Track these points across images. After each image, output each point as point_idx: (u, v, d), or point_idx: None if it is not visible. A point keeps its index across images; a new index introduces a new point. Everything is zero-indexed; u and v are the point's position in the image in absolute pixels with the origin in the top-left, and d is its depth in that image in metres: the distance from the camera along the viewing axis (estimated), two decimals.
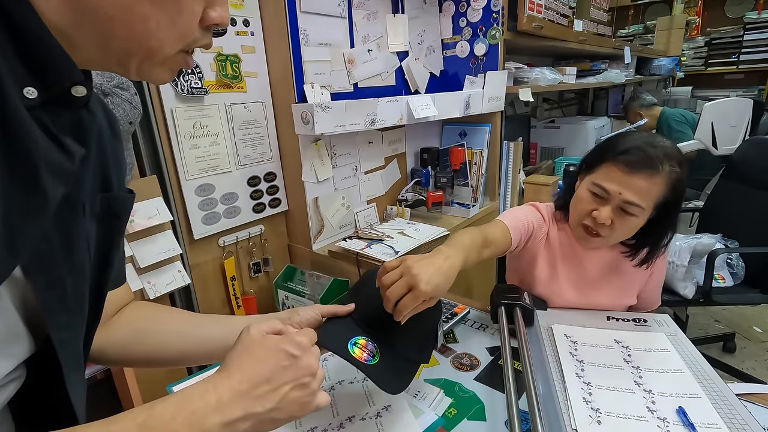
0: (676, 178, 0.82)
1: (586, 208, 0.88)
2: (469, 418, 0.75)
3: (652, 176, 0.80)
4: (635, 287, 0.99)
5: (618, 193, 0.82)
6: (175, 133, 1.07)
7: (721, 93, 4.32)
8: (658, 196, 0.82)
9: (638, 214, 0.83)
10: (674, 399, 0.70)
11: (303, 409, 0.46)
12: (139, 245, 1.02)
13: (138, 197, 1.01)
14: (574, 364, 0.80)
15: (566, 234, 1.01)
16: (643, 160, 0.80)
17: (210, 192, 1.17)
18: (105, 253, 0.45)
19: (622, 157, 0.82)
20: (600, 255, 0.98)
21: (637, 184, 0.80)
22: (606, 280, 0.98)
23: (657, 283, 1.02)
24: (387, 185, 1.58)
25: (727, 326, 2.28)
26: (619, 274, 0.98)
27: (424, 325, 0.71)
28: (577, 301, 1.00)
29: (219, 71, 1.13)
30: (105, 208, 0.44)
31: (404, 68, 1.54)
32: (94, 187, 0.43)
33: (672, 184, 0.82)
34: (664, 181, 0.81)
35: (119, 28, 0.34)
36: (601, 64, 2.79)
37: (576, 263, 0.99)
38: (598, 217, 0.85)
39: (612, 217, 0.84)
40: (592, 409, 0.69)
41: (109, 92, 0.83)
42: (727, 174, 1.99)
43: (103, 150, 0.44)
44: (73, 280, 0.39)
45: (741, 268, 1.73)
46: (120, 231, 0.48)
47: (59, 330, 0.38)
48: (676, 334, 0.89)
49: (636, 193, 0.81)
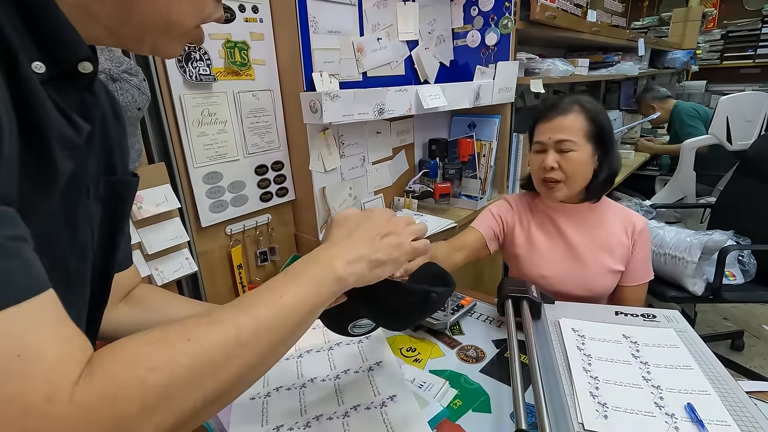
0: (590, 110, 1.00)
1: (536, 164, 1.04)
2: (474, 410, 0.75)
3: (567, 116, 0.99)
4: (618, 251, 1.06)
5: (548, 138, 1.00)
6: (183, 120, 1.07)
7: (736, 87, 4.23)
8: (583, 128, 0.99)
9: (575, 148, 0.99)
10: (683, 395, 0.69)
11: (399, 251, 0.52)
12: (146, 232, 1.02)
13: (146, 184, 1.02)
14: (581, 358, 0.79)
15: (538, 209, 1.14)
16: (557, 109, 1.01)
17: (217, 180, 1.17)
18: (111, 236, 0.46)
19: (542, 115, 1.03)
20: (573, 216, 1.09)
21: (558, 125, 0.99)
22: (585, 237, 1.07)
23: (644, 253, 1.07)
24: (395, 176, 1.57)
25: (735, 324, 2.26)
26: (596, 233, 1.07)
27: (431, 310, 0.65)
28: (568, 267, 1.07)
29: (227, 58, 1.12)
30: (109, 191, 0.44)
31: (414, 57, 1.52)
32: (98, 170, 0.43)
33: (590, 117, 0.99)
34: (579, 116, 0.99)
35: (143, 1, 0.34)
36: (614, 56, 2.74)
37: (553, 230, 1.10)
38: (545, 164, 1.00)
39: (557, 160, 1.00)
40: (599, 403, 0.68)
41: (118, 78, 0.83)
42: (741, 170, 1.95)
43: (107, 133, 0.44)
44: (76, 261, 0.40)
45: (753, 265, 1.70)
46: (124, 214, 0.48)
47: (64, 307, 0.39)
48: (685, 330, 0.88)
49: (561, 131, 0.99)
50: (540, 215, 1.13)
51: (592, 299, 1.08)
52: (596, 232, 1.07)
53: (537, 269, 1.10)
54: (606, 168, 1.03)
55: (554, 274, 1.08)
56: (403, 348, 0.94)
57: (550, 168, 1.00)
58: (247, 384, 0.38)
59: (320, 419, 0.68)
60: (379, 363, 0.81)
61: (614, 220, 1.07)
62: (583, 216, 1.08)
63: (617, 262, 1.05)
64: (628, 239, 1.06)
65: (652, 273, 1.09)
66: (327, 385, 0.76)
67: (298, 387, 0.75)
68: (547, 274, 1.08)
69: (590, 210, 1.08)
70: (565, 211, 1.08)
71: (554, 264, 1.08)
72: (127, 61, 0.87)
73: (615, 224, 1.07)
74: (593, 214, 1.08)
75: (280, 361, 0.83)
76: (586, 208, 1.07)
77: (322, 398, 0.72)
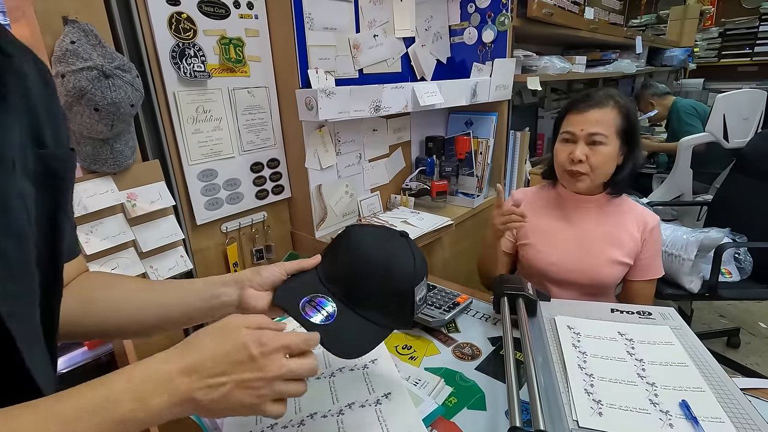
0: (624, 106, 1.01)
1: (564, 155, 1.04)
2: (469, 407, 0.75)
3: (602, 109, 1.00)
4: (628, 244, 1.07)
5: (581, 130, 1.00)
6: (177, 117, 1.06)
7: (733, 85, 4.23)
8: (615, 124, 0.99)
9: (605, 142, 0.99)
10: (677, 392, 0.69)
11: (246, 411, 0.45)
12: (141, 229, 1.01)
13: (140, 181, 1.01)
14: (576, 355, 0.79)
15: (552, 200, 1.16)
16: (592, 101, 1.01)
17: (213, 177, 1.16)
18: (51, 218, 0.43)
19: (575, 106, 1.03)
20: (588, 208, 1.10)
21: (592, 118, 1.00)
22: (597, 229, 1.08)
23: (655, 250, 1.09)
24: (391, 174, 1.57)
25: (732, 321, 2.26)
26: (607, 224, 1.08)
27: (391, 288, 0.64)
28: (577, 255, 1.09)
29: (222, 55, 1.11)
30: (42, 167, 0.40)
31: (410, 55, 1.51)
32: (23, 142, 0.39)
33: (623, 113, 1.00)
34: (614, 111, 1.00)
35: None
36: (612, 54, 2.73)
37: (566, 220, 1.12)
38: (574, 156, 1.01)
39: (586, 153, 1.00)
40: (593, 400, 0.68)
41: (110, 74, 0.82)
42: (738, 167, 1.95)
43: (32, 102, 0.41)
44: (13, 244, 0.37)
45: (749, 263, 1.71)
46: (63, 192, 0.44)
47: (6, 300, 0.35)
48: (680, 328, 0.88)
49: (595, 125, 0.99)
50: (553, 205, 1.15)
51: (598, 289, 1.09)
52: (608, 224, 1.08)
53: (545, 257, 1.11)
54: (630, 164, 1.04)
55: (562, 262, 1.10)
56: (399, 346, 0.94)
57: (578, 161, 1.00)
58: None
59: (314, 417, 0.68)
60: (374, 361, 0.81)
61: (627, 215, 1.09)
62: (597, 208, 1.10)
63: (625, 255, 1.07)
64: (638, 235, 1.07)
65: (662, 270, 1.11)
66: (321, 383, 0.76)
67: None
68: (555, 261, 1.10)
69: (605, 203, 1.09)
70: (581, 202, 1.10)
71: (563, 252, 1.10)
72: (120, 57, 0.86)
73: (627, 219, 1.08)
74: (607, 206, 1.09)
75: None
76: (601, 201, 1.09)
77: (317, 396, 0.72)
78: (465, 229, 1.55)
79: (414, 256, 0.66)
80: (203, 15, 1.07)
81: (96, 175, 0.94)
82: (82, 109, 0.81)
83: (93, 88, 0.80)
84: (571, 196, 1.11)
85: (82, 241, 0.92)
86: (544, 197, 1.17)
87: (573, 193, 1.10)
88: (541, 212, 1.15)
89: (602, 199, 1.09)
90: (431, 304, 1.03)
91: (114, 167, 0.94)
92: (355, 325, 0.61)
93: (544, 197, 1.17)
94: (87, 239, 0.93)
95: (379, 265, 0.63)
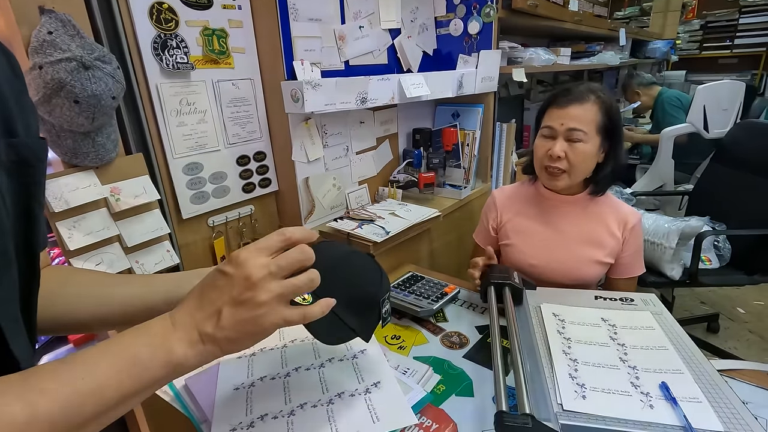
0: (605, 103, 0.98)
1: (542, 151, 1.02)
2: (457, 394, 0.76)
3: (583, 105, 0.97)
4: (609, 244, 1.06)
5: (560, 125, 0.98)
6: (161, 109, 1.04)
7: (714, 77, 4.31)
8: (595, 121, 0.97)
9: (584, 139, 0.97)
10: (657, 374, 0.71)
11: (264, 326, 0.44)
12: (125, 224, 1.00)
13: (124, 175, 1.00)
14: (561, 341, 0.81)
15: (533, 199, 1.14)
16: (572, 96, 0.99)
17: (198, 171, 1.15)
18: (26, 208, 0.42)
19: (556, 100, 1.01)
20: (568, 207, 1.09)
21: (572, 113, 0.97)
22: (577, 229, 1.08)
23: (636, 248, 1.08)
24: (379, 166, 1.57)
25: (712, 307, 2.33)
26: (588, 224, 1.08)
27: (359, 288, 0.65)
28: (557, 256, 1.08)
29: (205, 46, 1.09)
30: (14, 156, 0.40)
31: (397, 46, 1.51)
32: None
33: (604, 109, 0.98)
34: (595, 107, 0.97)
35: None
36: (596, 46, 2.76)
37: (546, 220, 1.11)
38: (552, 152, 0.99)
39: (564, 149, 0.98)
40: (577, 384, 0.70)
41: (90, 65, 0.80)
42: (717, 157, 2.00)
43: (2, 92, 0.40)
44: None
45: (728, 250, 1.76)
46: (36, 182, 0.44)
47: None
48: (661, 313, 0.90)
49: (574, 120, 0.97)
50: (534, 204, 1.13)
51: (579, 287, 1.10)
52: (589, 223, 1.07)
53: (526, 258, 1.11)
54: (612, 162, 1.02)
55: (543, 263, 1.09)
56: (388, 336, 0.95)
57: (557, 157, 0.98)
58: None
59: (305, 407, 0.68)
60: (363, 351, 0.82)
61: (608, 213, 1.07)
62: (578, 207, 1.08)
63: (606, 255, 1.06)
64: (619, 233, 1.06)
65: (643, 267, 1.10)
66: (311, 373, 0.76)
67: (282, 376, 0.76)
68: (535, 263, 1.10)
69: (586, 202, 1.08)
70: (561, 202, 1.09)
71: (543, 253, 1.09)
72: (100, 48, 0.84)
73: (608, 218, 1.07)
74: (588, 206, 1.08)
75: (265, 351, 0.83)
76: (582, 200, 1.07)
77: (307, 386, 0.73)
78: (453, 220, 1.56)
79: (380, 270, 0.68)
80: (185, 5, 1.05)
81: (78, 169, 0.92)
82: (62, 102, 0.79)
83: (72, 79, 0.78)
84: (552, 196, 1.09)
85: (65, 237, 0.91)
86: (525, 195, 1.15)
87: (553, 192, 1.08)
88: (522, 212, 1.14)
89: (583, 198, 1.07)
90: (419, 295, 1.04)
91: (96, 161, 0.92)
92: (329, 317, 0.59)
93: (525, 195, 1.15)
94: (70, 234, 0.91)
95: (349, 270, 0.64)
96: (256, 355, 0.82)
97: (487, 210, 1.21)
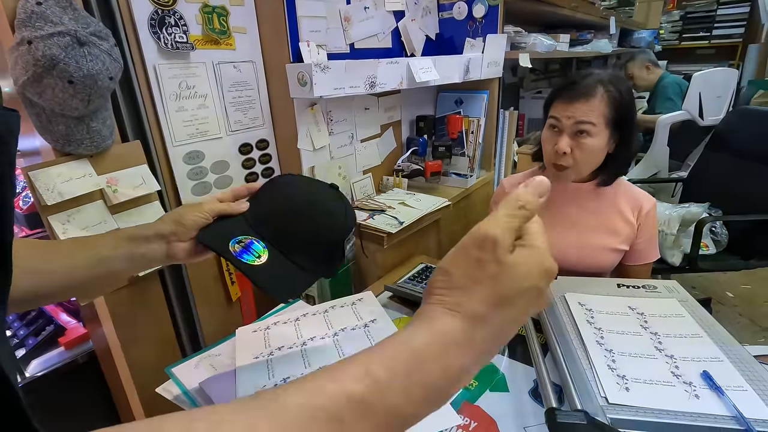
0: (614, 96, 0.93)
1: (549, 145, 0.99)
2: (491, 390, 0.73)
3: (590, 100, 0.93)
4: (624, 231, 1.04)
5: (567, 118, 0.94)
6: (159, 93, 0.97)
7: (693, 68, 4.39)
8: (604, 114, 0.93)
9: (593, 133, 0.93)
10: (697, 363, 0.70)
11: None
12: (124, 217, 0.93)
13: (121, 164, 0.92)
14: (593, 332, 0.78)
15: None
16: (579, 90, 0.94)
17: (199, 160, 1.07)
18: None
19: (563, 92, 0.96)
20: (579, 196, 1.06)
21: (579, 109, 0.93)
22: (590, 218, 1.06)
23: (650, 234, 1.07)
24: (383, 155, 1.51)
25: (703, 293, 2.38)
26: (602, 212, 1.05)
27: (322, 235, 0.63)
28: (571, 245, 1.06)
29: (205, 24, 1.02)
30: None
31: (401, 29, 1.45)
32: None
33: (613, 101, 0.93)
34: (603, 101, 0.93)
35: None
36: (587, 34, 2.75)
37: (558, 209, 1.08)
38: (558, 148, 0.95)
39: (570, 145, 0.95)
40: (618, 376, 0.67)
41: (86, 41, 0.72)
42: (712, 145, 2.02)
43: None
44: None
45: (725, 235, 1.78)
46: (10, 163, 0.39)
47: None
48: (687, 300, 0.89)
49: (582, 114, 0.93)
50: None
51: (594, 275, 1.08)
52: (602, 211, 1.05)
53: None
54: (622, 153, 0.99)
55: (556, 252, 1.06)
56: None
57: (562, 153, 0.95)
58: None
59: None
60: (373, 321, 0.85)
61: (622, 199, 1.05)
62: (591, 195, 1.06)
63: (621, 242, 1.05)
64: (634, 220, 1.04)
65: (657, 253, 1.09)
66: (326, 342, 0.79)
67: (299, 345, 0.79)
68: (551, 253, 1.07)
69: (597, 190, 1.05)
70: (572, 190, 1.06)
71: (558, 243, 1.07)
72: (95, 22, 0.76)
73: (622, 204, 1.05)
74: (601, 193, 1.05)
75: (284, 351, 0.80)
76: (594, 188, 1.05)
77: (323, 353, 0.76)
78: (459, 209, 1.53)
79: (345, 205, 0.66)
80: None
81: (71, 158, 0.84)
82: (54, 82, 0.71)
83: (66, 56, 0.70)
84: (562, 185, 1.06)
85: (58, 232, 0.83)
86: None
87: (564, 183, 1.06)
88: None
89: (593, 186, 1.05)
90: None
91: (91, 149, 0.85)
92: (286, 270, 0.60)
93: None
94: (64, 229, 0.83)
95: (310, 209, 0.63)
96: (274, 356, 0.77)
97: (497, 199, 1.18)
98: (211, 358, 0.80)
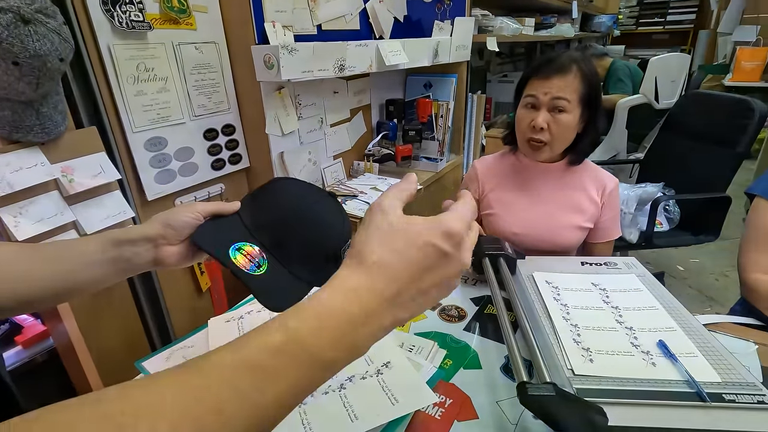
0: (587, 72, 0.98)
1: (525, 122, 1.02)
2: (465, 367, 0.75)
3: (566, 76, 0.97)
4: (589, 209, 1.09)
5: (544, 94, 0.98)
6: (115, 75, 0.91)
7: (649, 52, 4.58)
8: (578, 90, 0.98)
9: (568, 109, 0.98)
10: (653, 333, 0.75)
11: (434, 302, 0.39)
12: (82, 208, 0.88)
13: (77, 152, 0.87)
14: (559, 308, 0.82)
15: (513, 168, 1.14)
16: (555, 67, 0.98)
17: (162, 147, 1.03)
18: None
19: (540, 69, 1.00)
20: (548, 175, 1.10)
21: (556, 84, 0.97)
22: (558, 196, 1.10)
23: (613, 213, 1.12)
24: (353, 139, 1.50)
25: (657, 267, 2.54)
26: (568, 191, 1.10)
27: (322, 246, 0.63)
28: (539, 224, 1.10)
29: (163, 3, 0.96)
30: None
31: (369, 11, 1.42)
32: None
33: (586, 79, 0.98)
34: (577, 78, 0.98)
35: None
36: (551, 18, 2.81)
37: (527, 189, 1.12)
38: (536, 123, 0.98)
39: (548, 120, 0.98)
40: (583, 348, 0.71)
41: (31, 18, 0.67)
42: (666, 127, 2.13)
43: None
44: None
45: (677, 213, 1.89)
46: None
47: None
48: (644, 275, 0.94)
49: (558, 90, 0.97)
50: (514, 173, 1.14)
51: (560, 253, 1.13)
52: (569, 190, 1.10)
53: (509, 227, 1.12)
54: (591, 132, 1.04)
55: (525, 231, 1.11)
56: None
57: (540, 128, 0.98)
58: None
59: (315, 396, 0.65)
60: None
61: (587, 179, 1.10)
62: (558, 175, 1.10)
63: (586, 220, 1.10)
64: (598, 198, 1.09)
65: (619, 231, 1.15)
66: None
67: None
68: (518, 231, 1.11)
69: (565, 169, 1.09)
70: (541, 170, 1.10)
71: (526, 221, 1.11)
72: None
73: (587, 184, 1.10)
74: (568, 173, 1.10)
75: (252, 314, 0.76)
76: (562, 168, 1.09)
77: None
78: (429, 194, 1.55)
79: (344, 216, 0.65)
80: None
81: (20, 146, 0.78)
82: None
83: (10, 36, 0.65)
84: (532, 164, 1.11)
85: (10, 226, 0.78)
86: (505, 165, 1.17)
87: (534, 162, 1.10)
88: (503, 181, 1.16)
89: (562, 166, 1.09)
90: None
91: (42, 136, 0.79)
92: (285, 281, 0.58)
93: (505, 165, 1.17)
94: (16, 222, 0.78)
95: (312, 220, 0.61)
96: None
97: (469, 181, 1.20)
98: (184, 349, 0.78)
